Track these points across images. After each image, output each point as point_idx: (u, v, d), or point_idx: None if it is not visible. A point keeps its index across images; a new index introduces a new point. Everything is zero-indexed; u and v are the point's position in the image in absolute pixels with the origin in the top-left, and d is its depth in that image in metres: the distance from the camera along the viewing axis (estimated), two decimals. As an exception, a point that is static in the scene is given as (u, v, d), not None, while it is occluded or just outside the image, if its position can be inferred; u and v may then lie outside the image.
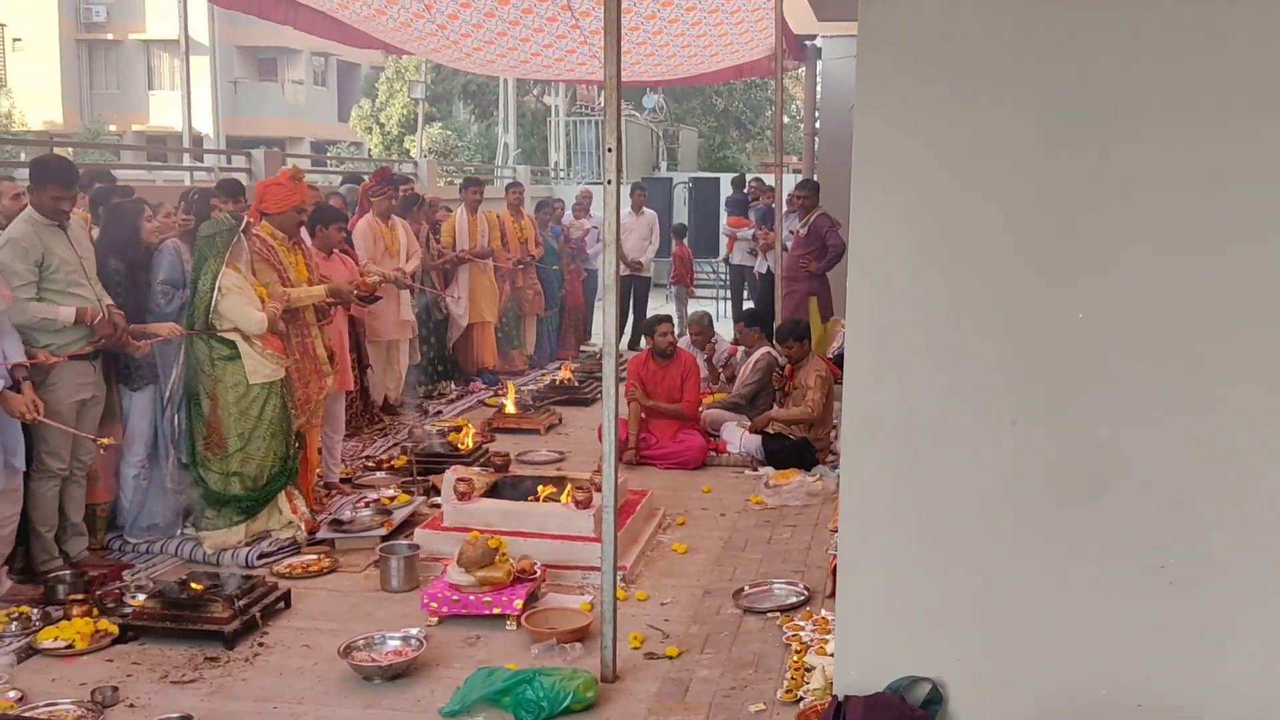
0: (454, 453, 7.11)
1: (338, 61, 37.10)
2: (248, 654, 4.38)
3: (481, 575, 4.69)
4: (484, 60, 10.75)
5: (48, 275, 4.91)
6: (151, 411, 5.49)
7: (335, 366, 6.25)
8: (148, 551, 5.47)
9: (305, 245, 6.31)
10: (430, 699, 4.00)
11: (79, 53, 33.99)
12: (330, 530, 5.69)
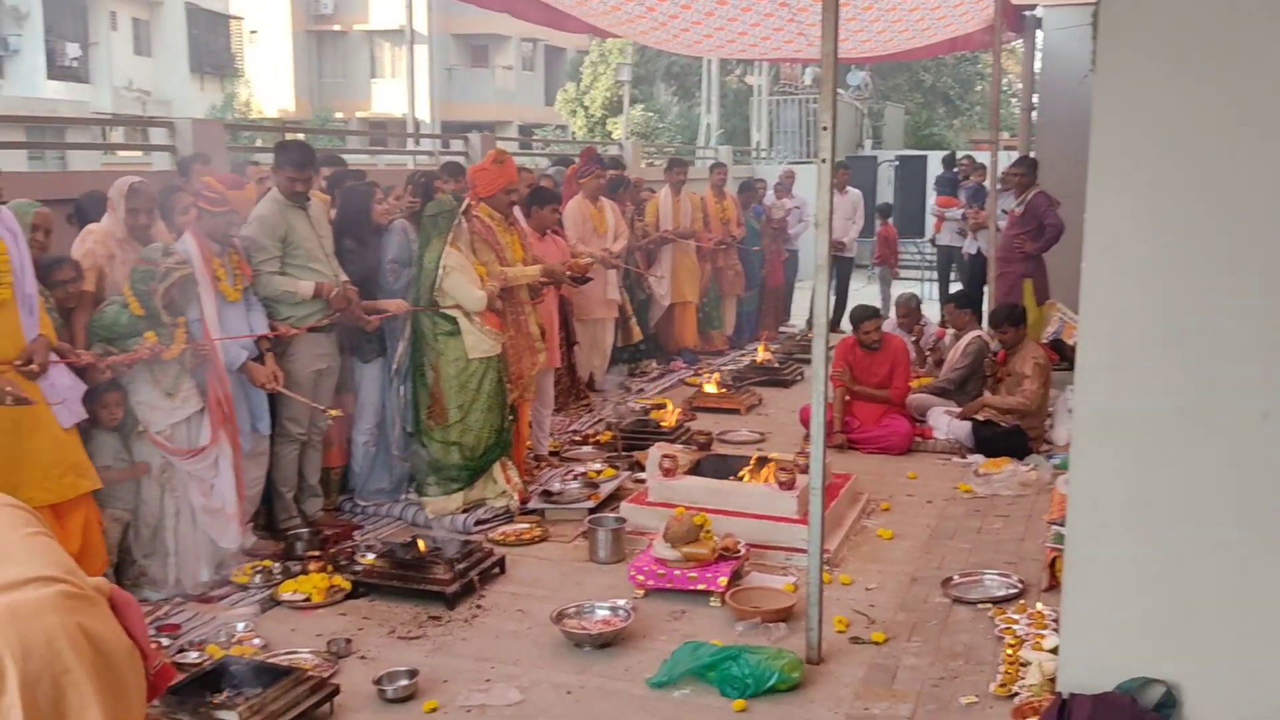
0: (657, 430, 7.22)
1: (545, 46, 38.06)
2: (467, 615, 4.60)
3: (687, 551, 4.75)
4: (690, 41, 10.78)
5: (289, 252, 5.27)
6: (380, 382, 5.82)
7: (546, 343, 6.46)
8: (375, 514, 5.82)
9: (520, 225, 6.53)
10: (638, 669, 4.09)
11: (309, 44, 36.17)
12: (540, 501, 5.90)
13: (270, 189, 5.41)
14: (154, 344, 4.49)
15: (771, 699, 3.83)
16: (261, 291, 5.17)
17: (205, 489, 4.72)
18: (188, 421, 4.65)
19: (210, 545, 4.80)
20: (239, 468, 4.86)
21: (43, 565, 2.22)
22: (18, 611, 2.09)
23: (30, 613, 2.10)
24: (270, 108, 33.42)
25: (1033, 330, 7.95)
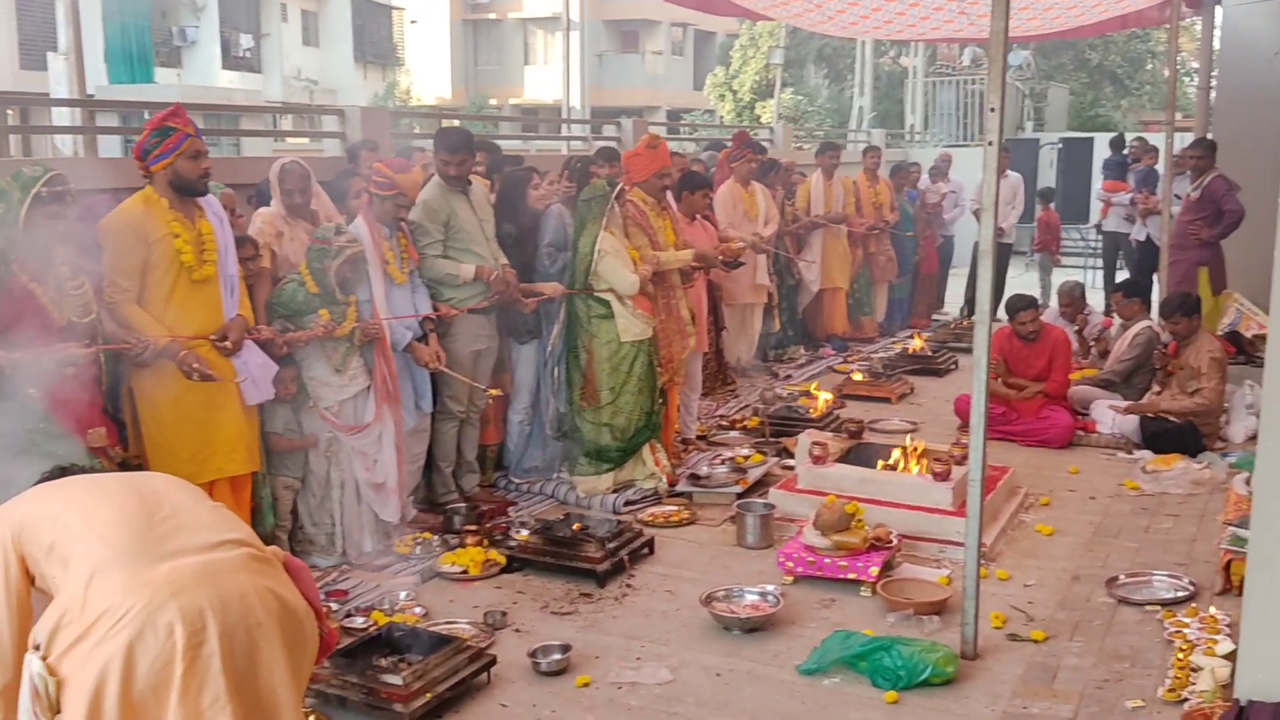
0: (805, 417, 7.16)
1: (695, 31, 38.02)
2: (617, 593, 4.67)
3: (837, 539, 4.71)
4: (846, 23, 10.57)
5: (452, 236, 5.43)
6: (535, 363, 5.95)
7: (696, 328, 6.49)
8: (528, 491, 5.97)
9: (672, 210, 6.56)
10: (787, 655, 4.08)
11: (465, 32, 37.07)
12: (689, 484, 5.93)
13: (434, 175, 5.59)
14: (327, 321, 4.70)
15: (924, 692, 3.77)
16: (425, 274, 5.34)
17: (369, 463, 4.92)
18: (355, 398, 4.85)
19: (373, 517, 5.01)
20: (401, 444, 5.05)
21: (228, 530, 2.47)
22: (214, 570, 2.30)
23: (225, 571, 2.32)
24: (428, 95, 34.42)
25: (1207, 321, 7.56)
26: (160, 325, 4.17)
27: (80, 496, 2.44)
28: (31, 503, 2.47)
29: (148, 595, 2.20)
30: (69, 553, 2.30)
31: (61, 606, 2.23)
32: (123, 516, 2.35)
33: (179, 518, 2.42)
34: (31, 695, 2.20)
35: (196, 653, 2.21)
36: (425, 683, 3.63)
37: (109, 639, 2.17)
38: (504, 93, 35.99)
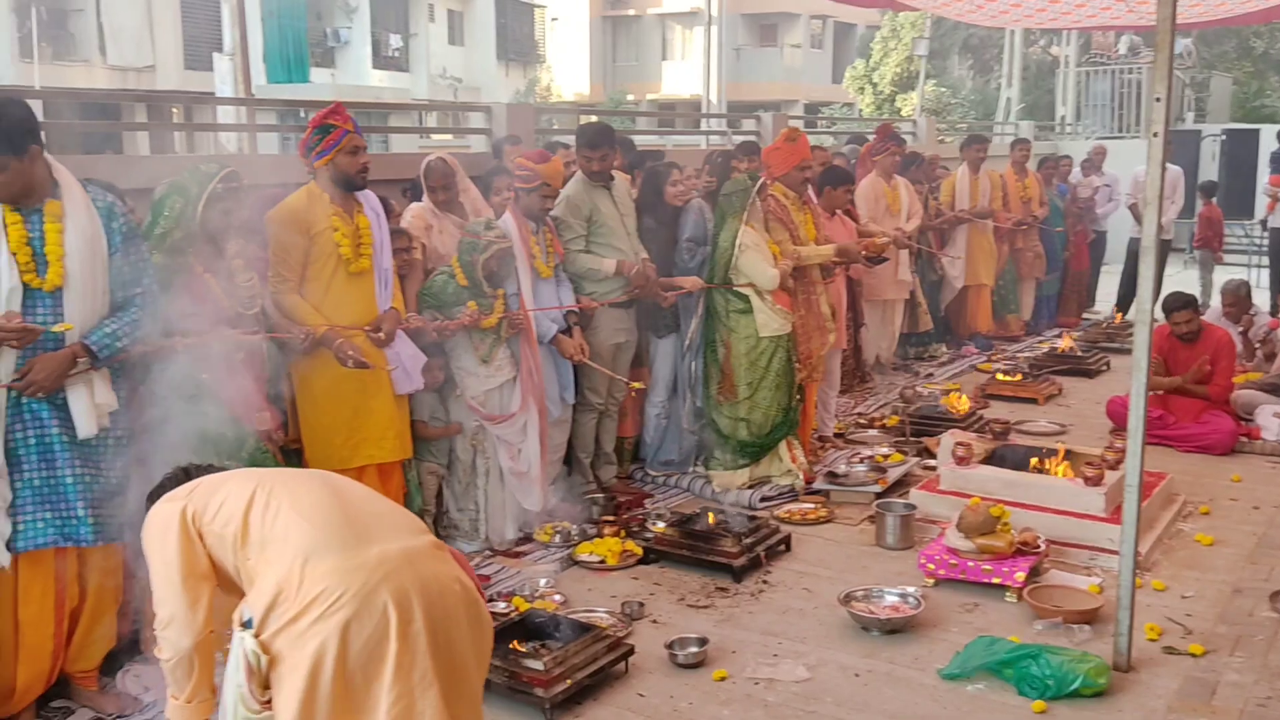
0: (947, 416, 7.01)
1: (834, 23, 37.51)
2: (753, 589, 4.66)
3: (981, 542, 4.59)
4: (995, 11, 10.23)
5: (594, 230, 5.51)
6: (673, 357, 5.98)
7: (836, 324, 6.41)
8: (664, 484, 6.00)
9: (813, 204, 6.50)
10: (928, 658, 4.01)
11: (605, 28, 37.43)
12: (826, 482, 5.87)
13: (577, 171, 5.67)
14: (474, 312, 4.83)
15: (1074, 703, 3.64)
16: (568, 268, 5.43)
17: (513, 452, 5.03)
18: (500, 388, 4.96)
19: (516, 504, 5.12)
20: (545, 434, 5.14)
21: (409, 522, 2.63)
22: (413, 557, 2.45)
23: (422, 558, 2.47)
24: (568, 91, 34.90)
25: (1388, 324, 7.08)
26: (319, 315, 4.35)
27: (279, 484, 2.56)
28: (211, 489, 2.59)
29: (362, 578, 2.33)
30: (275, 535, 2.43)
31: (275, 586, 2.34)
32: (327, 504, 2.49)
33: (370, 507, 2.57)
34: (246, 671, 2.33)
35: (406, 631, 2.34)
36: (565, 669, 3.69)
37: (325, 619, 2.29)
38: (642, 88, 36.20)
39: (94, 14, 19.74)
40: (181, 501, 2.55)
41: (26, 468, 3.39)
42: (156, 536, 2.54)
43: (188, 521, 2.52)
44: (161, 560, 2.51)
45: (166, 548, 2.50)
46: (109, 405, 3.54)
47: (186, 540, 2.50)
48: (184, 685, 2.52)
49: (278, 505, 2.47)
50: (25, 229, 3.35)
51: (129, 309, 3.55)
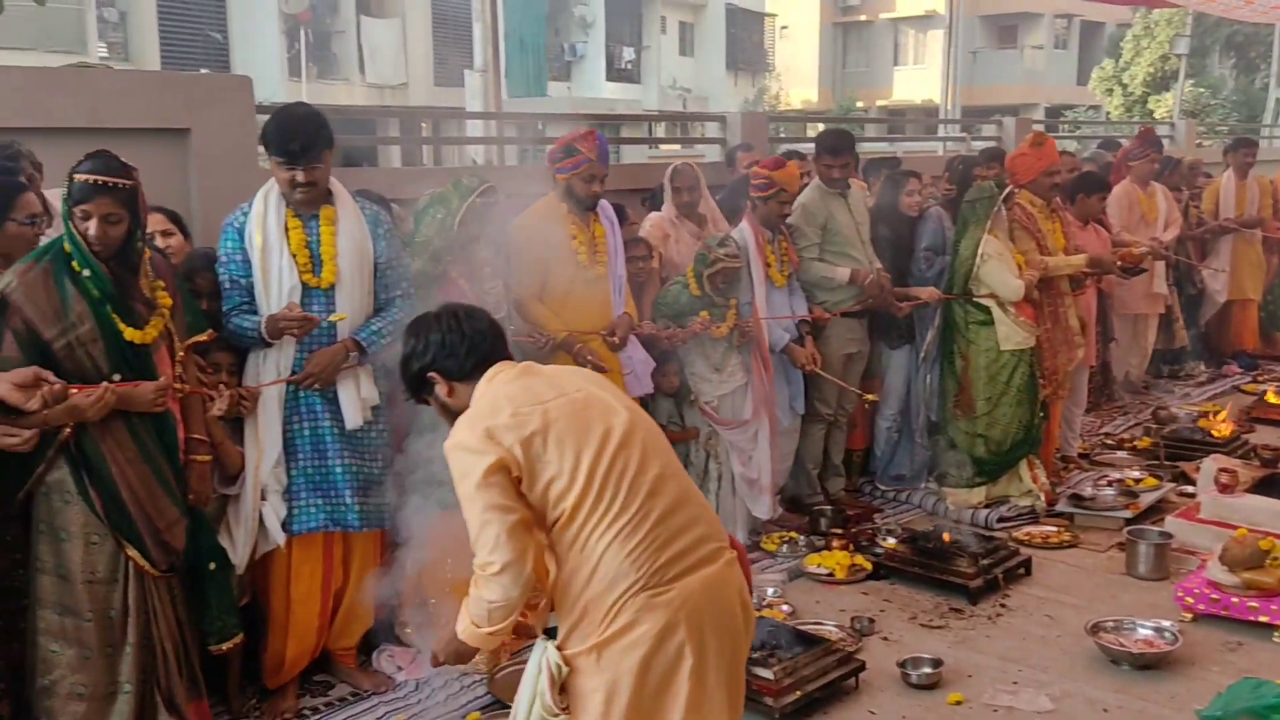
0: (1207, 440, 6.52)
1: (1080, 22, 35.65)
2: (990, 612, 4.49)
3: (1247, 577, 4.25)
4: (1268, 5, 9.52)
5: (828, 238, 5.45)
6: (907, 369, 5.84)
7: (1085, 338, 6.09)
8: (894, 499, 5.86)
9: (1062, 212, 6.19)
10: (1185, 697, 3.74)
11: (835, 35, 37.03)
12: (1070, 504, 5.58)
13: (813, 179, 5.62)
14: (704, 320, 4.87)
15: (1357, 761, 3.31)
16: (801, 276, 5.40)
17: (744, 459, 5.05)
18: (732, 395, 4.99)
19: (745, 512, 5.13)
20: (775, 442, 5.13)
21: (713, 529, 2.56)
22: (713, 586, 2.45)
23: (719, 584, 2.48)
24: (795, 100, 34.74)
25: None
26: (558, 320, 4.51)
27: (611, 480, 2.41)
28: (541, 443, 2.39)
29: (663, 617, 2.36)
30: (591, 550, 2.38)
31: (582, 608, 2.40)
32: (646, 521, 2.39)
33: (682, 516, 2.45)
34: (548, 679, 2.43)
35: (701, 670, 2.40)
36: (795, 680, 3.67)
37: (625, 654, 2.37)
38: (871, 94, 35.56)
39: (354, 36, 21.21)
40: (500, 449, 2.35)
41: (301, 457, 3.68)
42: (474, 478, 2.36)
43: (510, 475, 2.38)
44: (483, 505, 2.35)
45: (489, 494, 2.35)
46: (372, 400, 3.79)
47: (512, 493, 2.38)
48: (496, 623, 2.44)
49: (603, 515, 2.37)
50: (304, 233, 3.66)
51: (391, 309, 3.81)
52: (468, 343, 2.56)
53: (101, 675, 3.17)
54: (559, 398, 2.46)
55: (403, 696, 3.85)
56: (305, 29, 19.95)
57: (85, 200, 3.04)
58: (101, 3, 17.70)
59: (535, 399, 2.44)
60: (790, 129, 18.53)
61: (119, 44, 18.19)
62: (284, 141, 3.54)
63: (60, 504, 3.13)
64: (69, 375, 3.00)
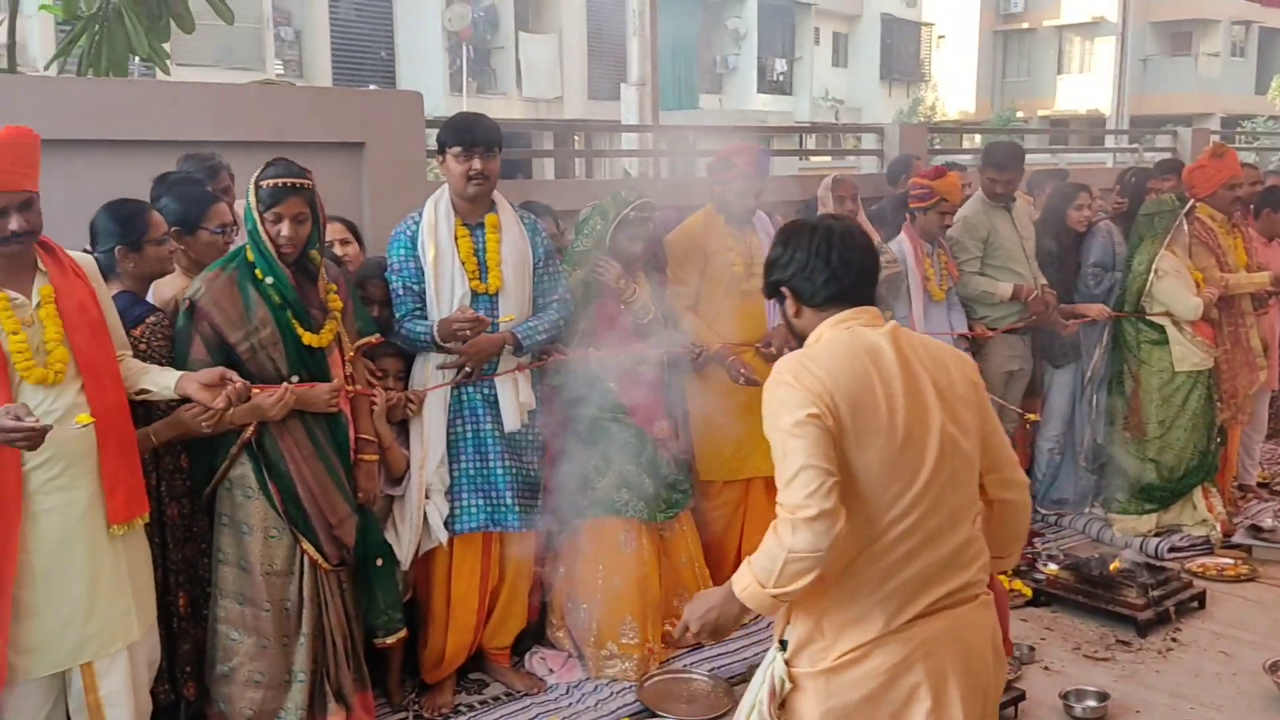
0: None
1: (1259, 29, 33.75)
2: (1160, 646, 4.28)
3: None
4: None
5: (990, 253, 5.30)
6: (1071, 389, 5.63)
7: (1268, 360, 5.75)
8: (1056, 523, 5.65)
9: (1244, 228, 5.87)
10: (1379, 750, 3.49)
11: (995, 44, 36.02)
12: (1248, 536, 5.28)
13: (976, 191, 5.49)
14: (863, 335, 4.80)
15: None
16: (961, 291, 5.27)
17: (898, 476, 4.94)
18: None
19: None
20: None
21: (971, 561, 2.26)
22: (960, 629, 2.22)
23: (969, 628, 2.23)
24: (952, 110, 33.93)
25: None
26: (712, 332, 4.52)
27: (928, 491, 2.18)
28: (847, 411, 2.17)
29: (899, 655, 2.16)
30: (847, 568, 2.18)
31: (811, 629, 2.23)
32: (908, 542, 2.18)
33: (952, 541, 2.22)
34: (770, 689, 2.30)
35: (941, 713, 2.19)
36: (951, 705, 3.57)
37: (854, 687, 2.18)
38: (1032, 104, 34.42)
39: (513, 51, 21.78)
40: (814, 404, 2.15)
41: (464, 458, 3.80)
42: (797, 414, 2.15)
43: (829, 425, 2.14)
44: (805, 446, 2.12)
45: (812, 435, 2.13)
46: (529, 404, 3.88)
47: (832, 450, 2.14)
48: (786, 583, 2.12)
49: (863, 531, 2.17)
50: (472, 241, 3.78)
51: (549, 311, 3.92)
52: (829, 271, 2.32)
53: (277, 664, 3.33)
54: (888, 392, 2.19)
55: (554, 699, 3.91)
56: (467, 45, 20.60)
57: (277, 203, 3.20)
58: (279, 22, 18.66)
59: (866, 382, 2.19)
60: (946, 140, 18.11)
61: (294, 61, 19.15)
62: (463, 132, 3.69)
63: (242, 499, 3.30)
64: (251, 377, 3.16)
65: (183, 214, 3.46)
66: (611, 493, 4.06)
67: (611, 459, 4.06)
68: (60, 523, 2.80)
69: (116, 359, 2.99)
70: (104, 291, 3.03)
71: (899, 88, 33.16)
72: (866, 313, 2.33)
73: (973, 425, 2.27)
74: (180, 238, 3.45)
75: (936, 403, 2.22)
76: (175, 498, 3.35)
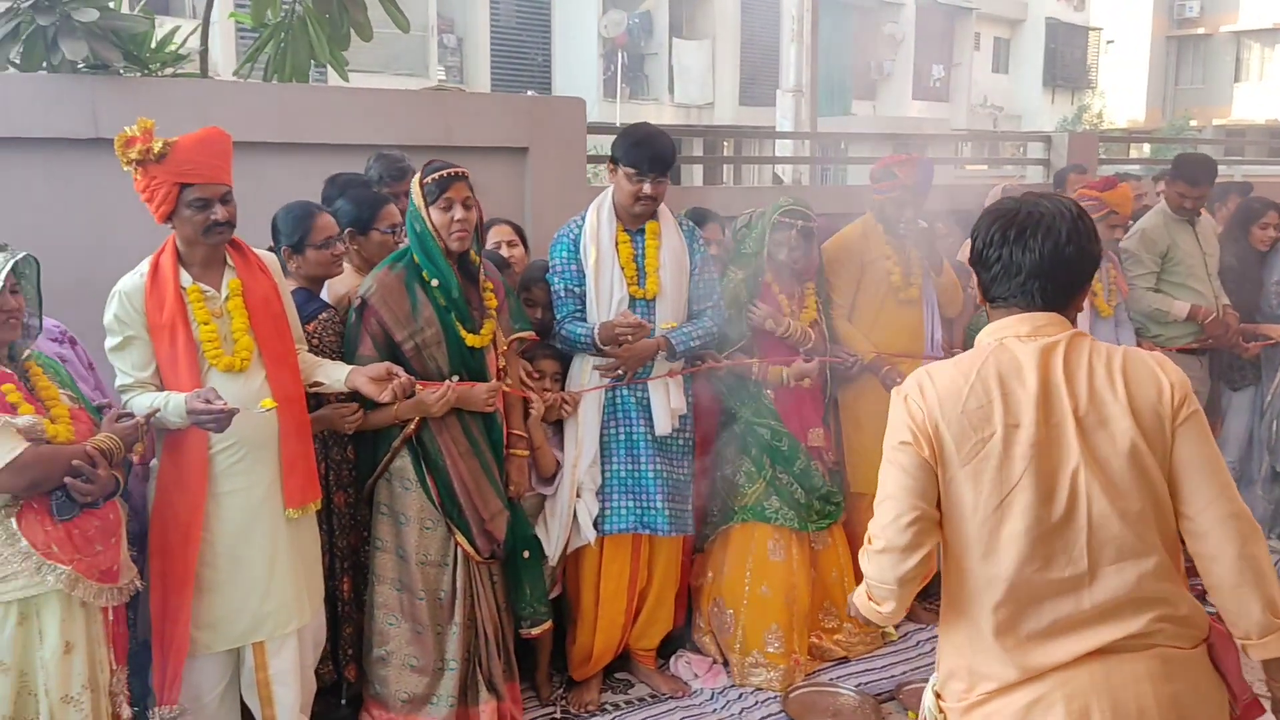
0: None
1: None
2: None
3: None
4: None
5: (1168, 268, 5.06)
6: (1250, 413, 5.33)
7: None
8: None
9: None
10: None
11: (1167, 49, 34.41)
12: None
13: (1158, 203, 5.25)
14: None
15: None
16: (1133, 307, 5.04)
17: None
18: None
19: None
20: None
21: (1143, 588, 1.97)
22: (1115, 670, 1.95)
23: (1126, 681, 1.95)
24: (1120, 118, 32.56)
25: None
26: (867, 341, 4.44)
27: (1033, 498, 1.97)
28: (968, 421, 2.01)
29: (1035, 694, 1.95)
30: (974, 584, 2.01)
31: (950, 667, 2.09)
32: (1046, 568, 1.97)
33: (1105, 586, 1.96)
34: (924, 716, 2.19)
35: None
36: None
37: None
38: (1207, 112, 32.71)
39: (666, 57, 21.93)
40: (913, 431, 2.03)
41: (615, 460, 3.83)
42: (893, 439, 2.07)
43: (925, 456, 2.01)
44: (893, 473, 2.05)
45: (902, 463, 2.03)
46: (680, 409, 3.89)
47: (924, 474, 2.02)
48: (878, 603, 2.10)
49: (1008, 538, 1.97)
50: (632, 247, 3.82)
51: (703, 318, 3.91)
52: (1000, 264, 2.08)
53: (431, 651, 3.43)
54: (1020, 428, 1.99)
55: (698, 704, 3.91)
56: (621, 51, 20.84)
57: (445, 189, 3.29)
58: (442, 29, 19.26)
59: (985, 415, 2.00)
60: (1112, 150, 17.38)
61: (455, 67, 19.73)
62: (642, 156, 3.70)
63: (401, 490, 3.41)
64: (414, 375, 3.26)
65: (356, 215, 3.59)
66: (762, 499, 4.04)
67: (763, 465, 4.04)
68: (242, 505, 2.96)
69: (295, 351, 3.14)
70: (284, 287, 3.19)
71: (1063, 94, 32.01)
72: (1034, 321, 2.06)
73: (1148, 462, 1.96)
74: (354, 238, 3.59)
75: (1076, 438, 1.96)
76: (342, 487, 3.49)
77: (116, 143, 2.83)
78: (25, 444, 2.49)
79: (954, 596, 2.07)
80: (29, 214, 3.84)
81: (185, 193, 2.87)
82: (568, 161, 4.91)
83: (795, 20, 8.02)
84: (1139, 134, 26.93)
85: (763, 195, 4.71)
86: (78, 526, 2.59)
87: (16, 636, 2.55)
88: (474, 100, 5.13)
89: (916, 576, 2.03)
